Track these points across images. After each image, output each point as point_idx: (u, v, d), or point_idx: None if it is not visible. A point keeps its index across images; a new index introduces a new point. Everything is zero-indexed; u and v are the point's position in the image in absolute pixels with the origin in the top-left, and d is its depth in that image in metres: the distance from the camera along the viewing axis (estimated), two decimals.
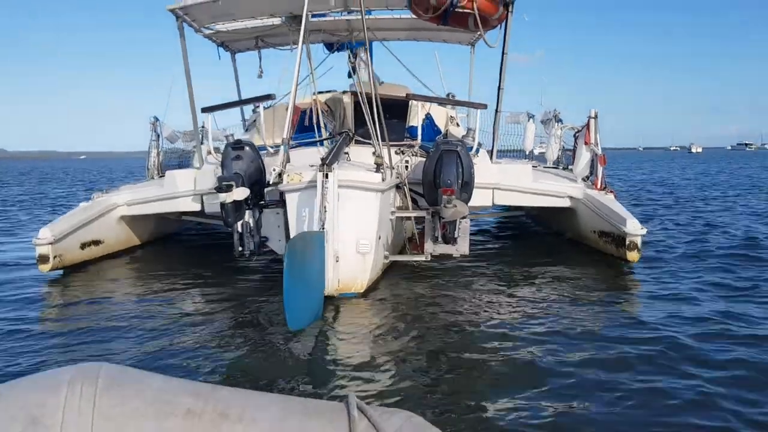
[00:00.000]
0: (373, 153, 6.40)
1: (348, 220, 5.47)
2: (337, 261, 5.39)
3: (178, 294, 6.36)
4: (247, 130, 10.13)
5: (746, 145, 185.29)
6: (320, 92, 9.22)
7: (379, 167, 5.88)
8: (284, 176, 5.84)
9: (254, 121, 10.01)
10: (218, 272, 7.33)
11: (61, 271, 7.41)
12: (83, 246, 7.96)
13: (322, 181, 5.27)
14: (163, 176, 10.31)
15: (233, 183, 5.84)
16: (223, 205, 5.95)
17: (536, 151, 12.07)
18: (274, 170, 6.17)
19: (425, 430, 1.34)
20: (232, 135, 9.82)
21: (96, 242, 8.24)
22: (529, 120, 11.79)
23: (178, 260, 8.48)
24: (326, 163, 5.32)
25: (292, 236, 5.69)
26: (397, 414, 1.37)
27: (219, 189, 5.86)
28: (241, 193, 5.86)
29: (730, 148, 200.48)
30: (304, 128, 8.82)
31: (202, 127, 12.36)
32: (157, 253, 9.12)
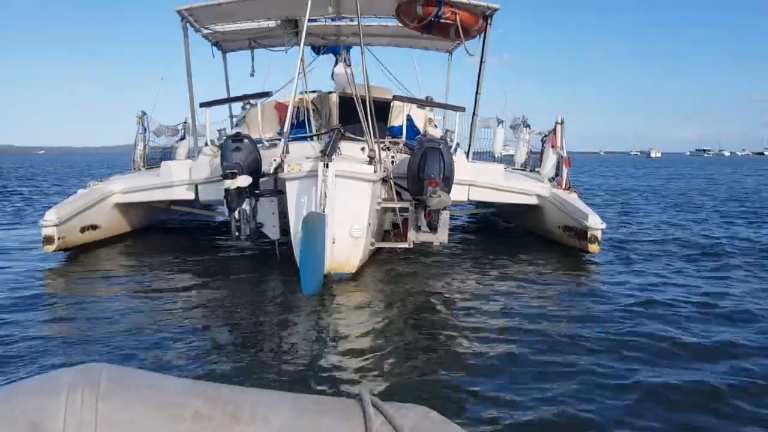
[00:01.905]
0: (362, 148, 7.02)
1: (344, 206, 6.09)
2: (333, 243, 6.01)
3: (173, 280, 6.74)
4: (237, 125, 10.65)
5: (704, 151, 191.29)
6: (312, 91, 9.82)
7: (371, 160, 6.52)
8: (285, 166, 6.40)
9: (243, 117, 10.56)
10: (208, 257, 7.91)
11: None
12: (83, 230, 8.40)
13: (323, 171, 5.88)
14: (150, 168, 10.80)
15: (237, 171, 6.42)
16: (227, 191, 6.51)
17: (503, 154, 12.82)
18: (274, 161, 6.72)
19: (442, 426, 1.32)
20: (225, 129, 10.36)
21: (94, 227, 8.68)
22: (498, 125, 12.57)
23: (170, 246, 8.93)
24: (326, 155, 5.94)
25: (292, 219, 6.28)
26: (413, 410, 1.35)
27: (225, 176, 6.43)
28: (244, 180, 6.45)
29: (689, 153, 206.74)
30: (292, 124, 9.40)
31: (185, 122, 12.89)
32: (149, 240, 9.58)
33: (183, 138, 12.68)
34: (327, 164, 5.89)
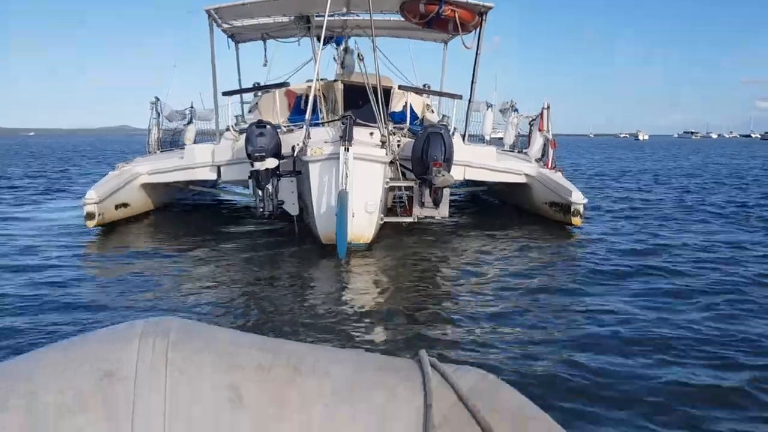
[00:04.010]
0: (371, 133, 7.88)
1: (361, 185, 6.98)
2: (352, 216, 6.92)
3: (203, 250, 7.51)
4: (250, 111, 11.50)
5: (692, 133, 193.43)
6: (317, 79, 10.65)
7: (383, 144, 7.42)
8: (308, 150, 7.27)
9: (256, 103, 11.42)
10: (230, 230, 8.88)
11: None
12: (116, 207, 9.27)
13: (344, 154, 6.78)
14: (164, 151, 11.67)
15: (265, 154, 7.32)
16: (258, 172, 7.40)
17: (491, 137, 13.68)
18: (297, 145, 7.57)
19: (498, 388, 1.35)
20: (240, 115, 11.25)
21: (125, 204, 9.56)
22: (488, 109, 13.42)
23: (194, 221, 9.85)
24: (347, 140, 6.83)
25: (314, 197, 7.17)
26: (470, 372, 1.38)
27: (255, 159, 7.32)
28: (272, 162, 7.35)
29: (676, 136, 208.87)
30: (300, 111, 10.28)
31: (191, 107, 13.74)
32: (174, 216, 10.48)
33: (190, 122, 13.46)
34: (347, 148, 6.79)
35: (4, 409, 1.20)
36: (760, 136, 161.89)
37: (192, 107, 13.45)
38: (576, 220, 8.80)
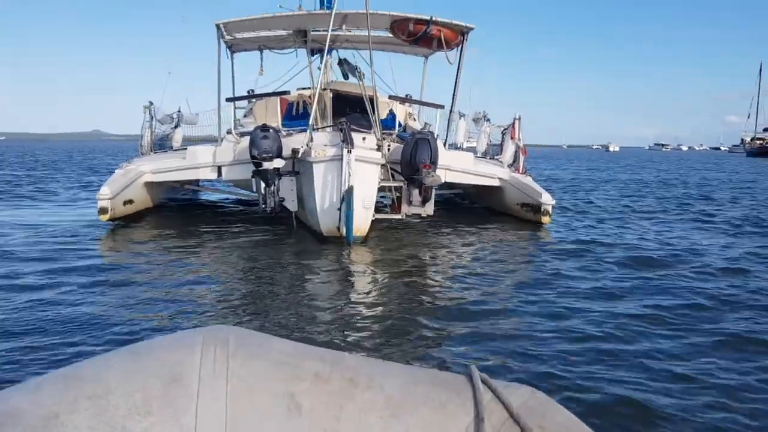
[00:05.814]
0: (363, 138, 8.74)
1: (360, 183, 7.80)
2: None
3: (211, 243, 8.12)
4: (245, 116, 12.34)
5: (662, 145, 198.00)
6: (305, 88, 11.51)
7: (379, 147, 8.30)
8: (312, 152, 8.09)
9: (251, 108, 12.28)
10: (227, 225, 9.64)
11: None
12: (124, 203, 10.00)
13: (347, 156, 7.64)
14: (157, 152, 12.46)
15: (272, 155, 8.18)
16: (265, 170, 8.24)
17: (465, 145, 14.63)
18: (302, 147, 8.40)
19: (549, 406, 1.37)
20: (239, 120, 12.08)
21: (131, 201, 10.27)
22: (460, 118, 14.39)
23: (195, 218, 10.61)
24: (348, 143, 7.70)
25: (318, 194, 7.99)
26: (521, 389, 1.41)
27: (263, 159, 8.15)
28: (279, 162, 8.22)
29: (648, 148, 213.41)
30: (291, 116, 11.19)
31: (179, 111, 14.56)
32: (175, 213, 11.23)
33: (177, 126, 14.16)
34: (350, 151, 7.66)
35: (74, 410, 1.24)
36: (728, 149, 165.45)
37: (179, 112, 14.23)
38: (546, 219, 9.82)
